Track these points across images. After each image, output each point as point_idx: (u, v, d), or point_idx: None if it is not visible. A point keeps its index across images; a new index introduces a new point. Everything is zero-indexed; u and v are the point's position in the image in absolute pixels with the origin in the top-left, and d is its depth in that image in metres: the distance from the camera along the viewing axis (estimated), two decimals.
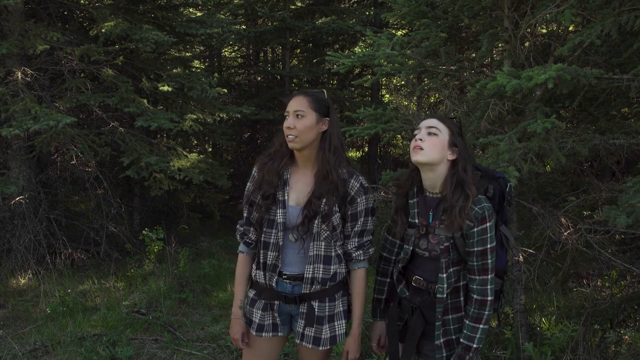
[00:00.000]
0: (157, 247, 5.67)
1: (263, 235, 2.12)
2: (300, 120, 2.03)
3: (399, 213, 2.09)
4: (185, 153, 6.58)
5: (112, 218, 6.25)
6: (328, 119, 2.08)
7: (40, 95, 5.61)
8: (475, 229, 1.91)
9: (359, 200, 2.09)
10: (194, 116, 6.37)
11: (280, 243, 2.09)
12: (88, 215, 6.46)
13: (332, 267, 2.10)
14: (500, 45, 3.69)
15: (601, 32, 2.74)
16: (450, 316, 2.02)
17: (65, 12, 6.81)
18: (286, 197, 2.10)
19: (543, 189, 3.81)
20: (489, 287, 1.94)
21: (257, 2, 8.53)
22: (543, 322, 3.87)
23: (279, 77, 9.67)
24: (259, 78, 10.70)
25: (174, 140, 7.40)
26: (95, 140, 5.94)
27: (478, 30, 4.01)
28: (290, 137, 2.04)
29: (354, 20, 8.69)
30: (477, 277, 1.95)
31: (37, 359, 3.80)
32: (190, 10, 8.91)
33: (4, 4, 5.20)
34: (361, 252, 2.14)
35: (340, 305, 2.17)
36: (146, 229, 5.79)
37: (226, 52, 11.71)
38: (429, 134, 1.96)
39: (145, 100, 6.19)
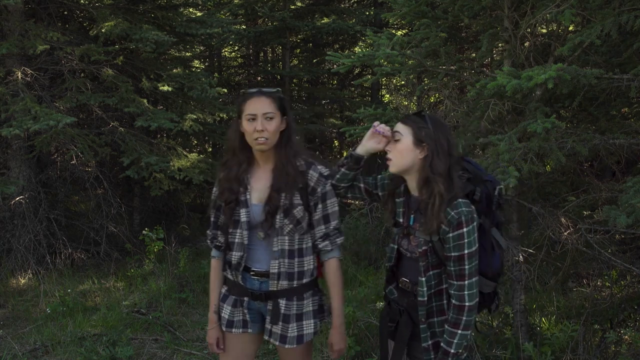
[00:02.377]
0: (157, 247, 5.67)
1: (229, 236, 2.15)
2: (270, 122, 2.01)
3: (389, 199, 2.06)
4: (185, 153, 6.58)
5: (112, 218, 6.26)
6: (286, 117, 2.09)
7: (40, 95, 5.61)
8: (451, 234, 1.85)
9: (319, 189, 2.08)
10: (194, 116, 6.37)
11: (245, 242, 2.10)
12: (88, 215, 6.47)
13: (296, 261, 2.08)
14: (500, 45, 3.69)
15: (601, 32, 2.74)
16: (435, 319, 1.99)
17: (65, 12, 6.81)
18: (248, 197, 2.10)
19: (543, 189, 3.80)
20: (466, 292, 1.88)
21: (257, 2, 8.54)
22: (543, 322, 3.86)
23: (279, 77, 9.66)
24: (259, 78, 10.69)
25: (174, 140, 7.39)
26: (95, 140, 5.94)
27: (478, 30, 4.01)
28: (262, 139, 2.00)
29: (354, 20, 8.70)
30: (455, 283, 1.90)
31: (37, 359, 3.80)
32: (190, 10, 8.91)
33: (4, 4, 5.20)
34: (328, 242, 2.11)
35: (310, 305, 2.15)
36: (146, 229, 5.79)
37: (226, 52, 11.70)
38: (395, 140, 1.94)
39: (145, 100, 6.19)
